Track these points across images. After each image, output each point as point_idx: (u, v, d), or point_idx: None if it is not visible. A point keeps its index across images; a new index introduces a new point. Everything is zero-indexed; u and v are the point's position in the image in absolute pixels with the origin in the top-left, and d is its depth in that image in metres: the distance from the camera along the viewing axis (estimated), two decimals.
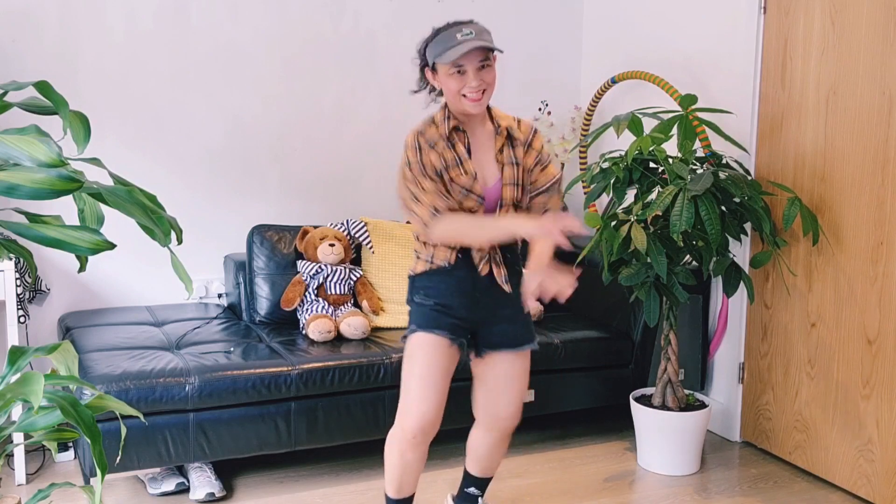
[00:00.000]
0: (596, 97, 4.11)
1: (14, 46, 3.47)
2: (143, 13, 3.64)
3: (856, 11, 2.97)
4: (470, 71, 2.26)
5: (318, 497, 3.05)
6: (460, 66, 2.26)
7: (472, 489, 2.73)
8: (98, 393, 1.89)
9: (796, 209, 3.08)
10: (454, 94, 2.30)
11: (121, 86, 3.64)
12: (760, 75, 3.39)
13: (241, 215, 3.87)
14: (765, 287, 3.42)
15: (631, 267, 3.11)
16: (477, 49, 2.25)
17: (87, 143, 1.63)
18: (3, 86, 1.68)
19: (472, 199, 2.33)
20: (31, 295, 3.41)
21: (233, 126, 3.84)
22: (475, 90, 2.26)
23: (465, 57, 2.25)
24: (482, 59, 2.27)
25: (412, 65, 2.25)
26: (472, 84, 2.26)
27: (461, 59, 2.25)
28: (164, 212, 1.66)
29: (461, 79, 2.27)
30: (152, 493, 3.02)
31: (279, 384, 3.00)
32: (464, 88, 2.27)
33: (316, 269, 3.49)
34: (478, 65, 2.26)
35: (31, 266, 1.87)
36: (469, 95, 2.27)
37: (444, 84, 2.31)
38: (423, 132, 2.35)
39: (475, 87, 2.26)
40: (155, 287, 3.76)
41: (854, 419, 3.06)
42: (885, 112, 2.89)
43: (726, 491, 3.15)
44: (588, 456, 3.43)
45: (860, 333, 3.02)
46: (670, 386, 3.27)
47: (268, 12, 3.84)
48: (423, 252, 2.41)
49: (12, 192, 1.43)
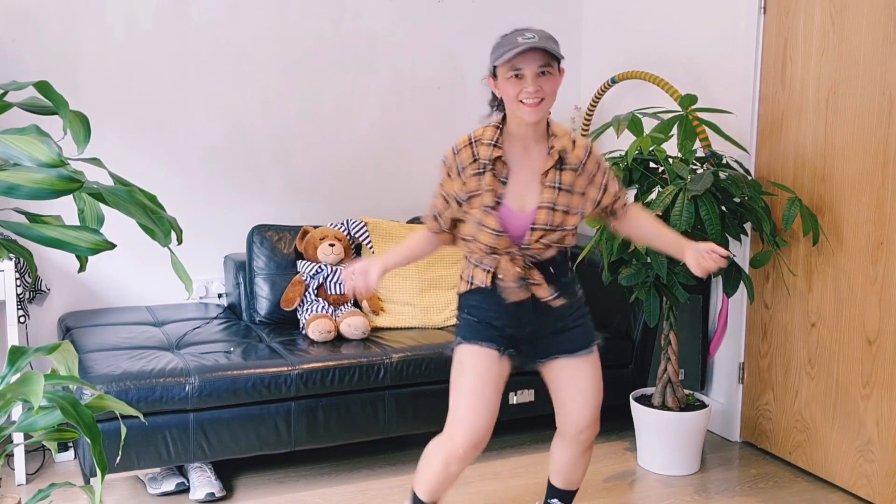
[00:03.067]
0: (596, 97, 4.11)
1: (14, 46, 3.47)
2: (144, 13, 3.64)
3: (856, 11, 2.97)
4: (528, 75, 2.18)
5: (318, 497, 3.05)
6: (518, 69, 2.18)
7: (555, 501, 2.64)
8: (98, 393, 1.89)
9: (796, 209, 3.08)
10: (512, 100, 2.21)
11: (121, 86, 3.64)
12: (760, 75, 3.39)
13: (241, 215, 3.87)
14: (765, 287, 3.42)
15: (631, 267, 3.11)
16: (536, 52, 2.17)
17: (87, 143, 1.63)
18: (3, 86, 1.68)
19: (486, 234, 2.26)
20: (31, 295, 3.41)
21: (233, 126, 3.84)
22: (532, 95, 2.18)
23: (523, 59, 2.17)
24: (542, 65, 2.18)
25: (413, 65, 2.25)
26: (528, 89, 2.17)
27: (519, 62, 2.17)
28: (164, 212, 1.66)
29: (519, 83, 2.19)
30: (152, 493, 3.02)
31: (279, 384, 3.00)
32: (521, 94, 2.19)
33: (316, 269, 3.49)
34: (537, 70, 2.18)
35: (31, 266, 1.87)
36: (526, 101, 2.18)
37: (503, 90, 2.23)
38: (459, 152, 2.29)
39: (532, 92, 2.17)
40: (155, 287, 3.76)
41: (854, 419, 3.06)
42: (885, 112, 2.89)
43: (726, 491, 3.15)
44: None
45: (860, 333, 3.02)
46: (670, 386, 3.27)
47: (268, 13, 3.84)
48: (465, 272, 2.38)
49: (12, 192, 1.43)
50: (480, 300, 2.34)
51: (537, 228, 2.27)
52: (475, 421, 2.31)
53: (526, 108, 2.20)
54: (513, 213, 2.27)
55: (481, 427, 2.32)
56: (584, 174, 2.32)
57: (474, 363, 2.32)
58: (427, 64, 4.14)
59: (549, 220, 2.27)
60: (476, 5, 4.19)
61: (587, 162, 2.32)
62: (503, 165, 2.28)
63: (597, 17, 4.34)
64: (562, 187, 2.28)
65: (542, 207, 2.27)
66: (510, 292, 2.30)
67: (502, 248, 2.28)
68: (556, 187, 2.28)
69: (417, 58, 4.11)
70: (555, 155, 2.28)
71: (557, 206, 2.27)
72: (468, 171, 2.27)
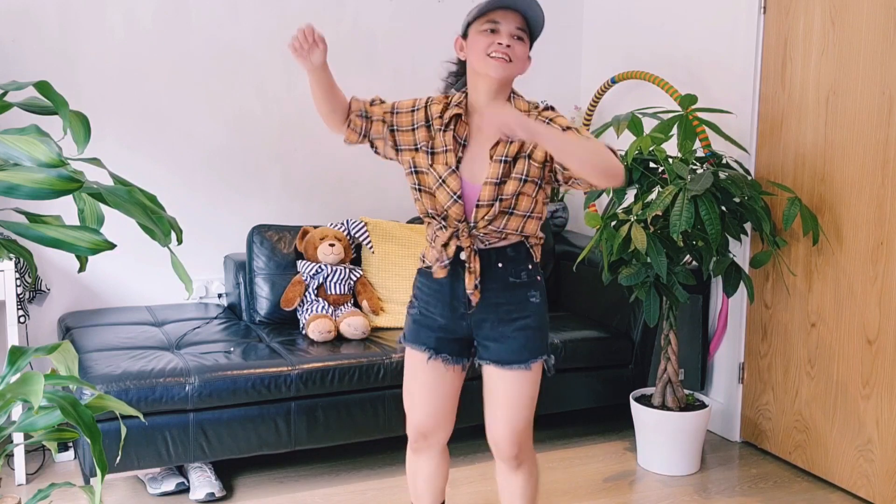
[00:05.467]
0: (596, 97, 4.11)
1: (14, 46, 3.47)
2: (143, 13, 3.64)
3: (856, 11, 2.97)
4: (504, 31, 2.09)
5: (318, 497, 3.05)
6: (496, 22, 2.10)
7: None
8: (98, 393, 1.89)
9: (796, 209, 3.08)
10: (480, 55, 2.11)
11: (121, 86, 3.64)
12: (760, 75, 3.39)
13: (241, 215, 3.87)
14: (765, 287, 3.42)
15: (631, 267, 3.11)
16: (517, 14, 2.10)
17: (87, 143, 1.63)
18: (3, 86, 1.68)
19: (445, 193, 2.15)
20: (31, 295, 3.41)
21: (233, 126, 3.84)
22: (503, 50, 2.07)
23: (502, 14, 2.10)
24: (519, 27, 2.11)
25: (413, 64, 2.23)
26: (501, 41, 2.08)
27: (497, 15, 2.09)
28: (164, 212, 1.66)
29: (491, 37, 2.10)
30: (152, 493, 3.02)
31: (279, 384, 3.00)
32: (491, 47, 2.08)
33: (316, 269, 3.49)
34: (513, 30, 2.10)
35: (31, 266, 1.87)
36: (495, 56, 2.08)
37: (472, 46, 2.13)
38: (433, 104, 2.22)
39: (504, 46, 2.08)
40: (155, 287, 3.76)
41: (854, 419, 3.06)
42: (885, 112, 2.89)
43: (726, 491, 3.15)
44: (588, 456, 3.43)
45: (860, 333, 3.02)
46: (670, 386, 3.27)
47: (268, 12, 3.84)
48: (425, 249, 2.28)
49: (12, 192, 1.43)
50: (423, 283, 2.28)
51: (482, 205, 2.13)
52: (416, 416, 2.34)
53: (493, 62, 2.09)
54: (467, 182, 2.16)
55: (423, 422, 2.33)
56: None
57: (409, 364, 2.34)
58: (427, 64, 4.13)
59: (493, 195, 2.12)
60: (476, 5, 4.19)
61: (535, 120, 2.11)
62: (464, 128, 2.18)
63: (597, 17, 4.34)
64: (507, 159, 2.13)
65: (487, 183, 2.13)
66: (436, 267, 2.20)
67: (454, 219, 2.16)
68: (502, 160, 2.13)
69: (417, 58, 4.11)
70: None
71: (504, 180, 2.12)
72: (436, 124, 2.19)
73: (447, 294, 2.23)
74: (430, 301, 2.26)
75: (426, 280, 2.27)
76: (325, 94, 2.21)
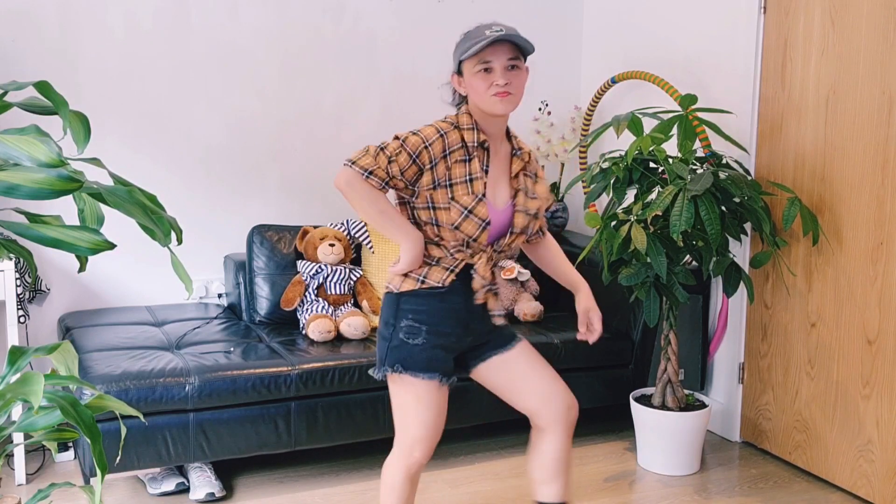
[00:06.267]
0: (596, 97, 4.11)
1: (14, 46, 3.47)
2: (143, 13, 3.64)
3: (856, 11, 2.97)
4: (497, 68, 2.13)
5: (318, 497, 3.05)
6: (487, 61, 2.13)
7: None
8: (98, 393, 1.89)
9: (796, 209, 3.08)
10: (482, 94, 2.14)
11: (121, 86, 3.64)
12: (760, 75, 3.39)
13: (241, 215, 3.87)
14: (765, 287, 3.42)
15: (631, 267, 3.11)
16: (505, 44, 2.13)
17: (87, 143, 1.63)
18: (3, 86, 1.68)
19: (474, 223, 2.15)
20: (31, 295, 3.41)
21: (233, 126, 3.84)
22: (501, 89, 2.12)
23: (491, 51, 2.12)
24: (511, 58, 2.14)
25: (413, 65, 2.22)
26: (499, 81, 2.12)
27: (488, 54, 2.12)
28: (164, 212, 1.66)
29: (488, 77, 2.13)
30: (152, 493, 3.02)
31: (279, 384, 3.00)
32: (491, 87, 2.12)
33: (316, 269, 3.49)
34: (506, 63, 2.13)
35: (31, 266, 1.87)
36: (497, 94, 2.13)
37: (471, 85, 2.17)
38: (447, 134, 2.16)
39: (502, 84, 2.12)
40: (155, 287, 3.76)
41: (854, 419, 3.06)
42: (885, 112, 2.89)
43: (726, 491, 3.15)
44: (588, 456, 3.43)
45: (860, 333, 3.02)
46: (670, 386, 3.27)
47: (268, 12, 3.84)
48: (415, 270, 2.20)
49: (12, 192, 1.43)
50: (429, 304, 2.18)
51: (515, 232, 2.24)
52: (432, 438, 2.22)
53: (497, 99, 2.13)
54: (491, 206, 2.19)
55: (437, 440, 2.25)
56: (541, 181, 2.34)
57: (420, 399, 2.18)
58: (427, 64, 4.13)
59: (524, 224, 2.24)
60: (476, 5, 4.19)
61: (539, 172, 2.34)
62: (485, 153, 2.20)
63: (597, 17, 4.34)
64: (528, 191, 2.27)
65: (519, 212, 2.23)
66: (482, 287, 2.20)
67: (480, 244, 2.18)
68: (526, 192, 2.26)
69: (417, 58, 4.11)
70: (524, 157, 2.27)
71: (529, 211, 2.25)
72: (455, 155, 2.16)
73: (461, 310, 2.21)
74: (441, 322, 2.19)
75: (432, 300, 2.18)
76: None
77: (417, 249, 2.15)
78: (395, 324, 2.20)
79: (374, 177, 2.11)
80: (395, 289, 2.21)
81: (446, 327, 2.20)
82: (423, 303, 2.19)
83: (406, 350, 2.18)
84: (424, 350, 2.18)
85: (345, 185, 2.14)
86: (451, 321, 2.20)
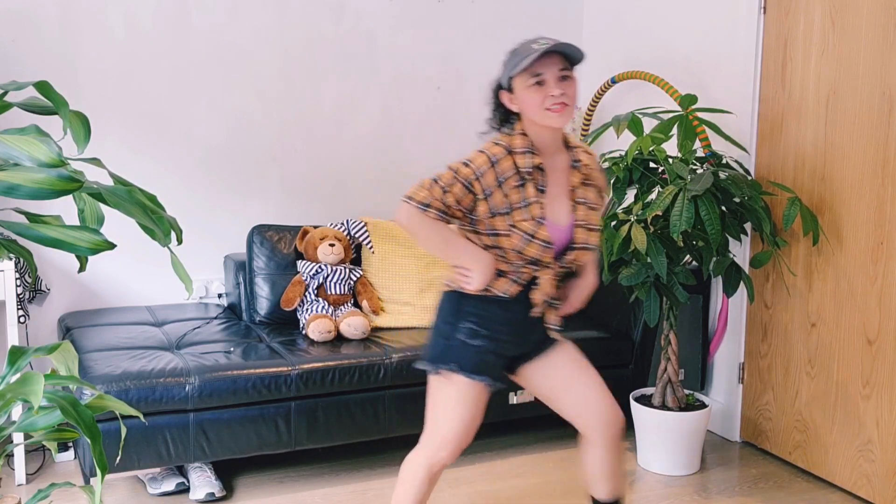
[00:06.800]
0: (596, 97, 4.11)
1: (14, 46, 3.47)
2: (143, 13, 3.64)
3: (856, 11, 2.97)
4: (550, 80, 2.11)
5: (318, 497, 3.05)
6: (539, 74, 2.11)
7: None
8: (98, 393, 1.89)
9: (796, 209, 3.08)
10: (537, 109, 2.13)
11: (121, 86, 3.64)
12: (760, 75, 3.39)
13: (241, 215, 3.87)
14: (765, 287, 3.42)
15: (631, 267, 3.11)
16: (555, 55, 2.11)
17: (87, 143, 1.63)
18: (3, 86, 1.68)
19: (536, 246, 2.15)
20: (31, 295, 3.41)
21: (233, 126, 3.84)
22: (558, 99, 2.10)
23: (542, 64, 2.11)
24: (562, 68, 2.12)
25: (413, 65, 2.23)
26: (554, 93, 2.10)
27: (539, 67, 2.11)
28: (164, 212, 1.66)
29: (541, 90, 2.11)
30: (152, 493, 3.02)
31: (279, 384, 3.00)
32: (546, 100, 2.11)
33: (316, 269, 3.49)
34: (558, 74, 2.12)
35: (31, 266, 1.87)
36: (552, 107, 2.11)
37: (523, 101, 2.15)
38: (500, 161, 2.14)
39: (558, 95, 2.10)
40: (155, 287, 3.76)
41: (854, 419, 3.06)
42: (885, 112, 2.89)
43: (726, 491, 3.15)
44: None
45: (860, 333, 3.02)
46: (670, 386, 3.27)
47: (268, 12, 3.84)
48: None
49: (12, 192, 1.43)
50: (492, 311, 2.21)
51: (577, 247, 2.21)
52: (463, 440, 2.26)
53: (553, 114, 2.12)
54: (553, 225, 2.18)
55: (466, 443, 2.27)
56: (603, 194, 2.31)
57: (466, 398, 2.22)
58: (427, 64, 4.14)
59: (586, 238, 2.21)
60: (476, 5, 4.19)
61: (599, 179, 2.31)
62: (541, 174, 2.18)
63: (597, 17, 4.34)
64: (589, 204, 2.24)
65: (580, 226, 2.20)
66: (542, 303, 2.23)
67: (545, 262, 2.19)
68: (586, 204, 2.22)
69: (417, 58, 4.12)
70: (583, 170, 2.24)
71: (591, 224, 2.22)
72: (510, 182, 2.14)
73: (520, 320, 2.23)
74: (500, 329, 2.22)
75: (495, 309, 2.21)
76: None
77: (488, 272, 2.17)
78: (455, 323, 2.22)
79: (431, 209, 2.14)
80: (457, 288, 2.24)
81: (504, 335, 2.22)
82: (486, 308, 2.21)
83: (464, 350, 2.21)
84: (480, 353, 2.21)
85: (406, 221, 2.16)
86: (509, 330, 2.23)
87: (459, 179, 2.13)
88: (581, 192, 2.23)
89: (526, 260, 2.17)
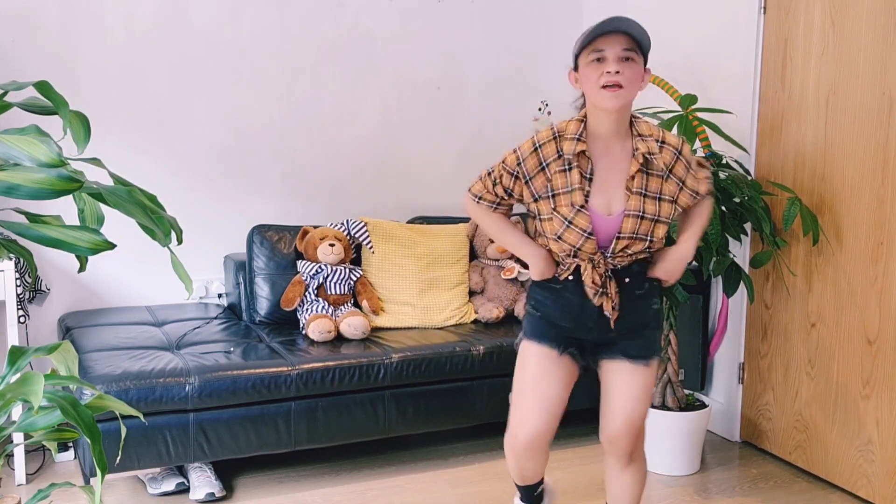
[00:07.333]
0: None
1: (14, 46, 3.47)
2: (143, 13, 3.64)
3: (856, 11, 2.97)
4: (610, 57, 2.06)
5: (318, 497, 3.05)
6: (601, 50, 2.07)
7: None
8: (98, 393, 1.89)
9: (796, 209, 3.08)
10: (593, 87, 2.10)
11: (121, 86, 3.64)
12: (760, 75, 3.39)
13: (242, 215, 3.87)
14: (765, 287, 3.42)
15: None
16: (620, 35, 2.06)
17: (87, 143, 1.63)
18: (3, 86, 1.68)
19: (575, 233, 2.14)
20: (31, 295, 3.41)
21: (233, 126, 3.84)
22: (612, 77, 2.05)
23: (605, 41, 2.06)
24: (626, 48, 2.07)
25: (413, 65, 2.23)
26: (610, 69, 2.05)
27: (602, 43, 2.07)
28: (164, 212, 1.66)
29: (600, 66, 2.07)
30: (152, 493, 3.02)
31: (279, 384, 3.00)
32: (602, 77, 2.07)
33: (316, 269, 3.50)
34: (620, 52, 2.07)
35: (31, 266, 1.87)
36: (607, 85, 2.06)
37: (584, 77, 2.12)
38: (543, 146, 2.17)
39: (613, 72, 2.05)
40: (155, 287, 3.76)
41: (854, 419, 3.06)
42: (885, 112, 2.89)
43: (726, 491, 3.15)
44: (588, 456, 3.43)
45: (860, 333, 3.02)
46: (670, 386, 3.27)
47: (268, 12, 3.84)
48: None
49: (12, 192, 1.43)
50: (546, 296, 2.26)
51: (623, 237, 2.15)
52: (534, 417, 2.25)
53: (606, 94, 2.08)
54: (598, 214, 2.15)
55: (540, 423, 2.26)
56: (673, 180, 2.19)
57: (535, 360, 2.26)
58: (427, 64, 4.14)
59: (635, 228, 2.15)
60: (476, 5, 4.19)
61: (675, 166, 2.19)
62: (587, 161, 2.15)
63: (597, 17, 4.33)
64: (648, 194, 2.15)
65: (629, 216, 2.14)
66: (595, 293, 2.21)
67: (587, 252, 2.17)
68: (642, 194, 2.15)
69: (417, 58, 4.12)
70: (639, 158, 2.15)
71: (646, 215, 2.15)
72: (553, 167, 2.15)
73: (575, 309, 2.24)
74: (553, 314, 2.26)
75: (550, 294, 2.26)
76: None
77: (542, 263, 2.23)
78: (528, 303, 2.34)
79: (484, 201, 2.27)
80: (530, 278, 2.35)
81: (558, 319, 2.26)
82: (541, 294, 2.29)
83: (527, 320, 2.33)
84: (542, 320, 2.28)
85: (469, 212, 2.32)
86: (562, 315, 2.26)
87: (506, 168, 2.21)
88: (638, 182, 2.15)
89: (566, 251, 2.19)
